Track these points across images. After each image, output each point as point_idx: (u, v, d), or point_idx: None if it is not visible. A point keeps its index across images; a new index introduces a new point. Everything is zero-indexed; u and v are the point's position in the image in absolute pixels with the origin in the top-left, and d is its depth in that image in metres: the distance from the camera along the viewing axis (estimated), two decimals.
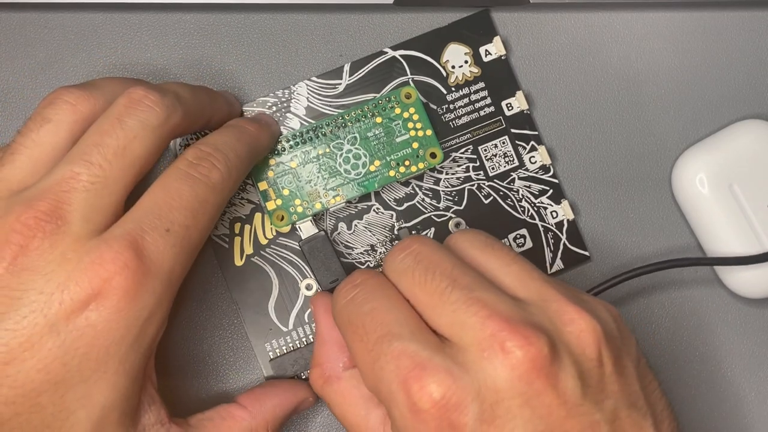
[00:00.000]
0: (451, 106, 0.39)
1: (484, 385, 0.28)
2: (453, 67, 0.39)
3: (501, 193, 0.39)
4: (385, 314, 0.31)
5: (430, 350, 0.29)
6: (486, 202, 0.39)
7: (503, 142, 0.39)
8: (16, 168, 0.32)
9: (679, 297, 0.39)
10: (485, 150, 0.39)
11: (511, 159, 0.39)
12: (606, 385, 0.30)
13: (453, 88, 0.39)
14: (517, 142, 0.39)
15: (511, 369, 0.28)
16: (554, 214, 0.39)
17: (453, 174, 0.39)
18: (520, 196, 0.39)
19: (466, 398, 0.28)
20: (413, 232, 0.38)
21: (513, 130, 0.39)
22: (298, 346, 0.38)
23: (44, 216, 0.30)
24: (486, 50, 0.39)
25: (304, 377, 0.38)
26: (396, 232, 0.38)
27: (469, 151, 0.39)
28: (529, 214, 0.39)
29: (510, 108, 0.39)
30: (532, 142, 0.39)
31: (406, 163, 0.37)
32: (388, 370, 0.29)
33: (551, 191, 0.39)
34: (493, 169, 0.39)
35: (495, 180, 0.39)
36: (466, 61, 0.39)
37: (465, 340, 0.29)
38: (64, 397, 0.30)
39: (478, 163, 0.39)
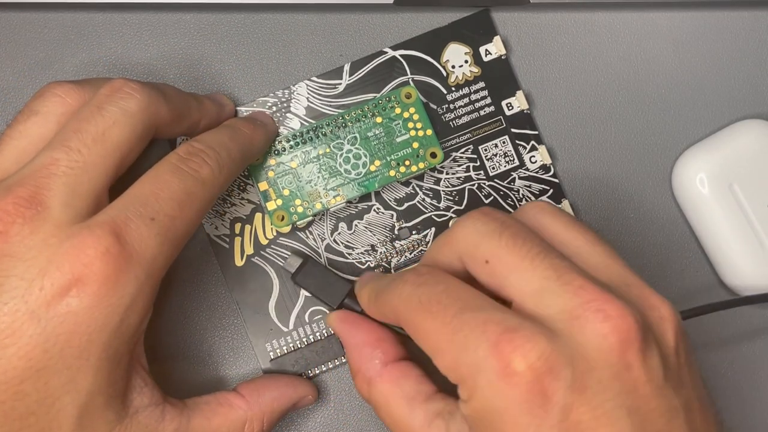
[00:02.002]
0: (451, 106, 0.39)
1: (576, 351, 0.28)
2: (453, 66, 0.39)
3: (501, 192, 0.39)
4: (461, 291, 0.30)
5: (518, 318, 0.28)
6: (486, 201, 0.39)
7: (503, 142, 0.39)
8: (1, 158, 0.32)
9: (677, 297, 0.39)
10: (485, 150, 0.39)
11: (512, 159, 0.39)
12: (681, 375, 0.29)
13: (453, 88, 0.39)
14: (517, 141, 0.39)
15: (603, 338, 0.27)
16: None
17: (453, 174, 0.39)
18: (521, 196, 0.39)
19: (560, 362, 0.27)
20: (414, 231, 0.38)
21: (513, 130, 0.39)
22: (299, 346, 0.38)
23: (24, 202, 0.30)
24: (486, 50, 0.39)
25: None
26: (396, 232, 0.38)
27: (470, 150, 0.39)
28: None
29: (510, 108, 0.39)
30: (533, 142, 0.39)
31: (407, 162, 0.37)
32: (474, 337, 0.28)
33: (551, 191, 0.39)
34: (493, 168, 0.39)
35: (495, 180, 0.39)
36: (466, 61, 0.39)
37: (553, 308, 0.28)
38: (47, 384, 0.29)
39: (478, 163, 0.39)
